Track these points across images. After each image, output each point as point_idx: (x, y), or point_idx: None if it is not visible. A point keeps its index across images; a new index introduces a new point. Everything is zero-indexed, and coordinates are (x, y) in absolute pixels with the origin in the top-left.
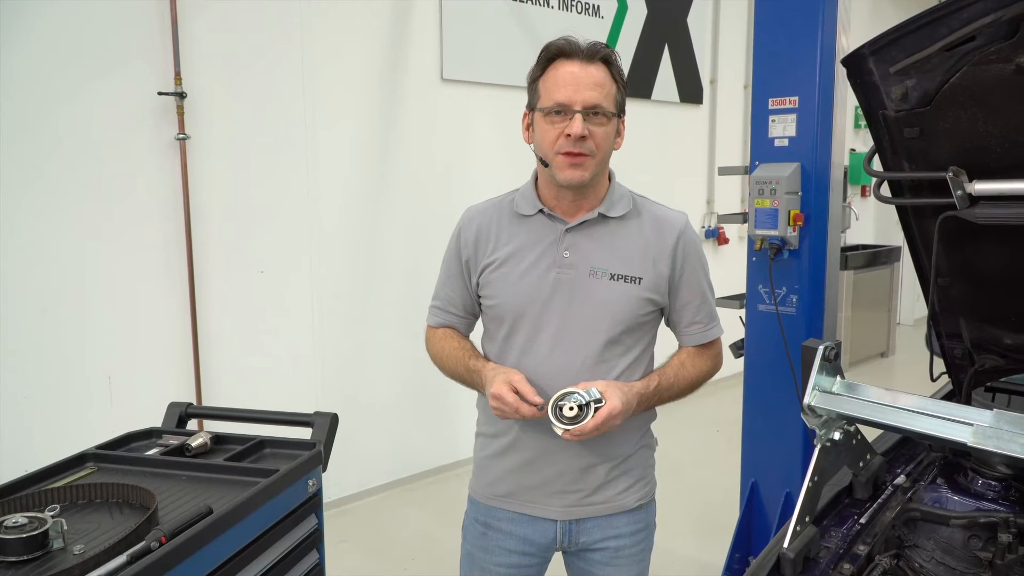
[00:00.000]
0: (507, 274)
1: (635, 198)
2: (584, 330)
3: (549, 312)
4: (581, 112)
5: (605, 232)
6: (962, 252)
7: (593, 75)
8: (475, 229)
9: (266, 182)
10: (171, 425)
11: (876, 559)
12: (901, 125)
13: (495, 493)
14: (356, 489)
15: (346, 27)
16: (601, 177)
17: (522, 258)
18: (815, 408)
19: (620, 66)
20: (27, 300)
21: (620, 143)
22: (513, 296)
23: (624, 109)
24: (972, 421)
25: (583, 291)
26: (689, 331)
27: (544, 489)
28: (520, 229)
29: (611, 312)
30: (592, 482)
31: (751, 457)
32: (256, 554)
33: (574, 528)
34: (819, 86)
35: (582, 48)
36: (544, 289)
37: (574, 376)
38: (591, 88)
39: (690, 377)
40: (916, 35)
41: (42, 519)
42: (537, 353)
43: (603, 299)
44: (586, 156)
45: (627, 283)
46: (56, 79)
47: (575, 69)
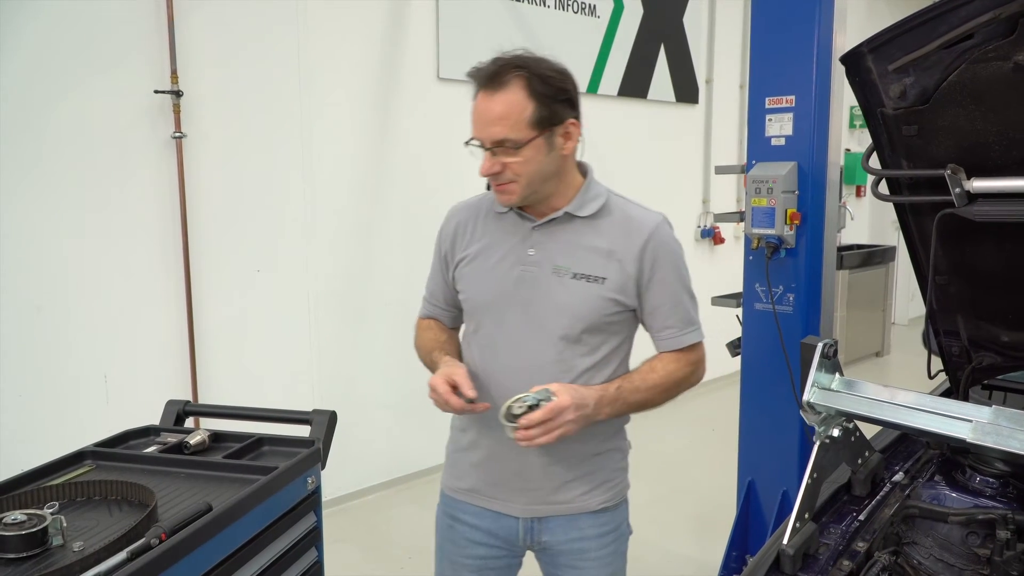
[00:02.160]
0: (477, 269)
1: (611, 198)
2: (544, 328)
3: (511, 308)
4: (489, 149)
5: (572, 231)
6: (960, 250)
7: (496, 107)
8: (454, 225)
9: (262, 180)
10: (169, 423)
11: (875, 556)
12: (899, 123)
13: (461, 487)
14: (352, 488)
15: (342, 26)
16: (560, 180)
17: (491, 254)
18: (814, 405)
19: (542, 74)
20: (22, 298)
21: (571, 146)
22: (479, 291)
23: (557, 116)
24: (971, 417)
25: (544, 289)
26: (662, 335)
27: (505, 486)
28: (494, 226)
29: (571, 311)
30: (552, 481)
31: (748, 456)
32: (255, 551)
33: (536, 526)
34: (816, 85)
35: (485, 75)
36: (508, 285)
37: (534, 373)
38: (493, 123)
39: (659, 382)
40: (915, 33)
41: (41, 516)
42: (499, 348)
43: (563, 298)
44: (508, 183)
45: (589, 282)
46: (52, 77)
47: (480, 102)
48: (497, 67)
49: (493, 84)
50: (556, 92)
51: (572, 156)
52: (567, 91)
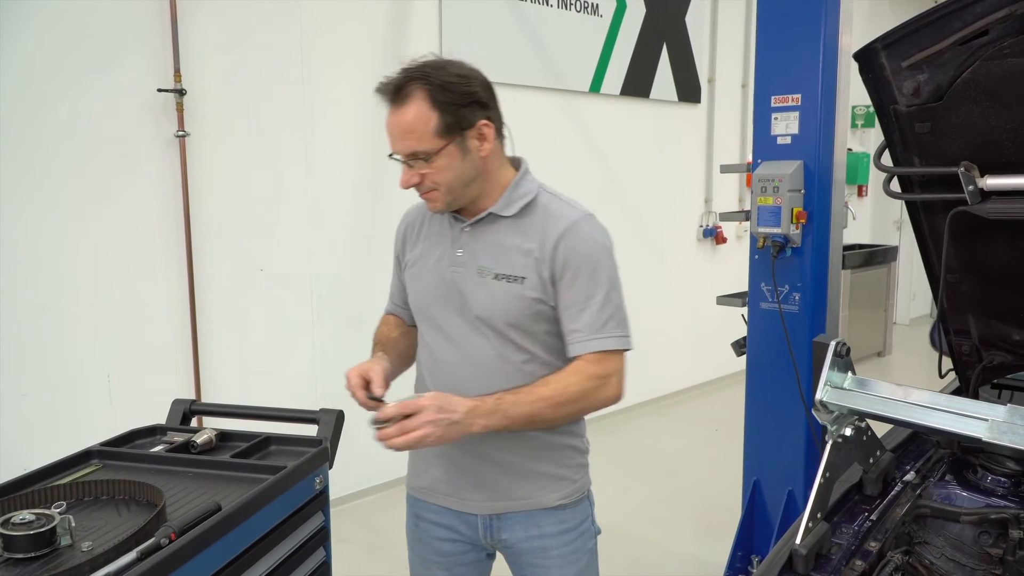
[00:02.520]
0: (418, 271)
1: (539, 194)
2: (475, 327)
3: (446, 309)
4: (405, 162)
5: (497, 231)
6: (972, 248)
7: (403, 120)
8: (404, 227)
9: (266, 179)
10: (175, 422)
11: (888, 555)
12: (912, 120)
13: (421, 486)
14: (355, 488)
15: (345, 25)
16: (486, 181)
17: (430, 256)
18: (827, 404)
19: (443, 82)
20: (25, 297)
21: (487, 147)
22: (420, 293)
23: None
24: (987, 416)
25: (470, 289)
26: (570, 339)
27: (461, 483)
28: (434, 228)
29: (494, 311)
30: (507, 477)
31: (753, 456)
32: (264, 551)
33: (495, 523)
34: (822, 83)
35: (388, 90)
36: (441, 287)
37: (475, 369)
38: (403, 137)
39: (550, 396)
40: (929, 29)
41: (49, 516)
42: (441, 348)
43: (486, 298)
44: (430, 192)
45: (510, 283)
46: (55, 75)
47: (389, 118)
48: (399, 80)
49: (397, 99)
50: (460, 98)
51: (496, 155)
52: (473, 94)
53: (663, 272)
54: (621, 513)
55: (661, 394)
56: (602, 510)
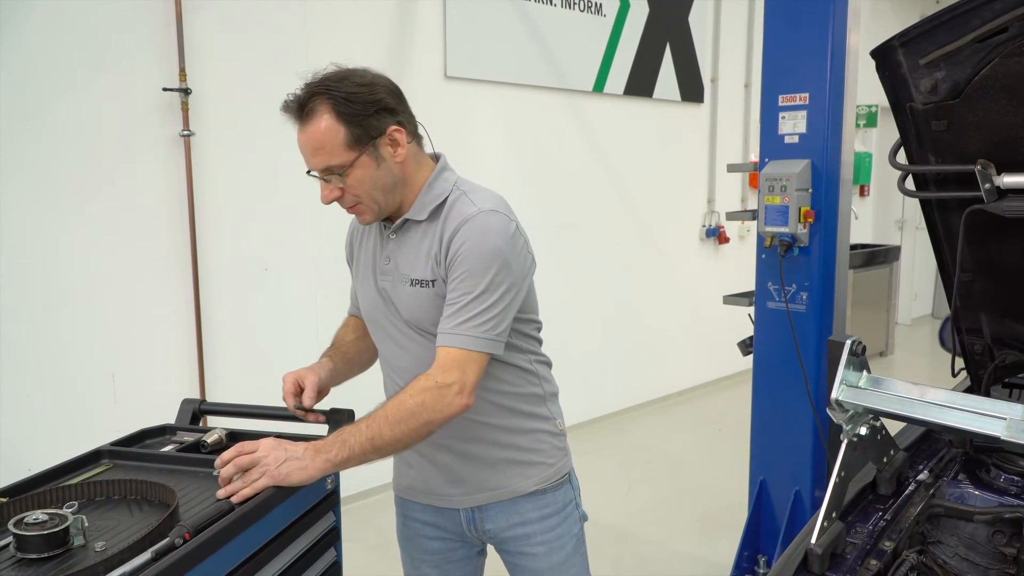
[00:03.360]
0: (360, 280)
1: (453, 192)
2: (412, 329)
3: (383, 316)
4: (322, 178)
5: (414, 236)
6: (986, 246)
7: (312, 137)
8: (349, 236)
9: (270, 179)
10: (184, 422)
11: (902, 555)
12: (929, 118)
13: (403, 485)
14: (359, 488)
15: (350, 24)
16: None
17: (365, 266)
18: (842, 403)
19: (346, 93)
20: (30, 297)
21: (401, 152)
22: (363, 302)
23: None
24: (1005, 415)
25: (396, 296)
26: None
27: (439, 480)
28: (368, 238)
29: (415, 315)
30: (481, 468)
31: (760, 455)
32: (276, 551)
33: (477, 515)
34: (830, 82)
35: (293, 108)
36: (375, 296)
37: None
38: (314, 154)
39: (381, 415)
40: (947, 27)
41: (62, 516)
42: (392, 354)
43: (408, 303)
44: (355, 205)
45: (423, 287)
46: (60, 75)
47: (298, 136)
48: (302, 97)
49: (303, 116)
50: (365, 107)
51: (414, 157)
52: (378, 101)
53: (666, 272)
54: (625, 513)
55: (664, 394)
56: (606, 510)
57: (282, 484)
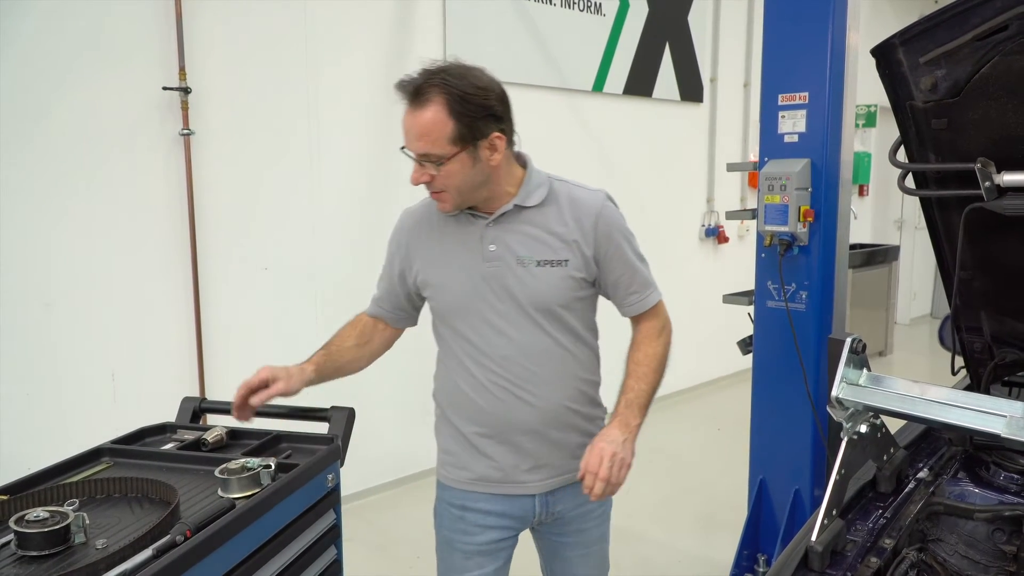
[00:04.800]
0: (442, 273)
1: (553, 183)
2: (523, 315)
3: (486, 305)
4: (417, 160)
5: (525, 221)
6: (986, 244)
7: (420, 123)
8: (407, 232)
9: (270, 178)
10: (184, 420)
11: (902, 553)
12: (929, 116)
13: (468, 477)
14: (360, 487)
15: (350, 23)
16: (496, 184)
17: (453, 256)
18: (843, 401)
19: (463, 93)
20: (30, 296)
21: (497, 157)
22: (450, 295)
23: (479, 132)
24: (1005, 413)
25: (513, 280)
26: (628, 302)
27: (520, 468)
28: (449, 229)
29: (544, 295)
30: (562, 453)
31: (759, 454)
32: (277, 549)
33: (550, 499)
34: (829, 81)
35: (409, 90)
36: (478, 284)
37: (527, 357)
38: (417, 139)
39: (654, 368)
40: (947, 25)
41: (63, 513)
42: (487, 344)
43: (534, 285)
44: (439, 192)
45: (554, 267)
46: (60, 73)
47: (406, 117)
48: (421, 81)
49: (417, 100)
50: (477, 110)
51: (506, 160)
52: (489, 107)
53: (665, 271)
54: (626, 512)
55: (663, 393)
56: None
57: (626, 468)
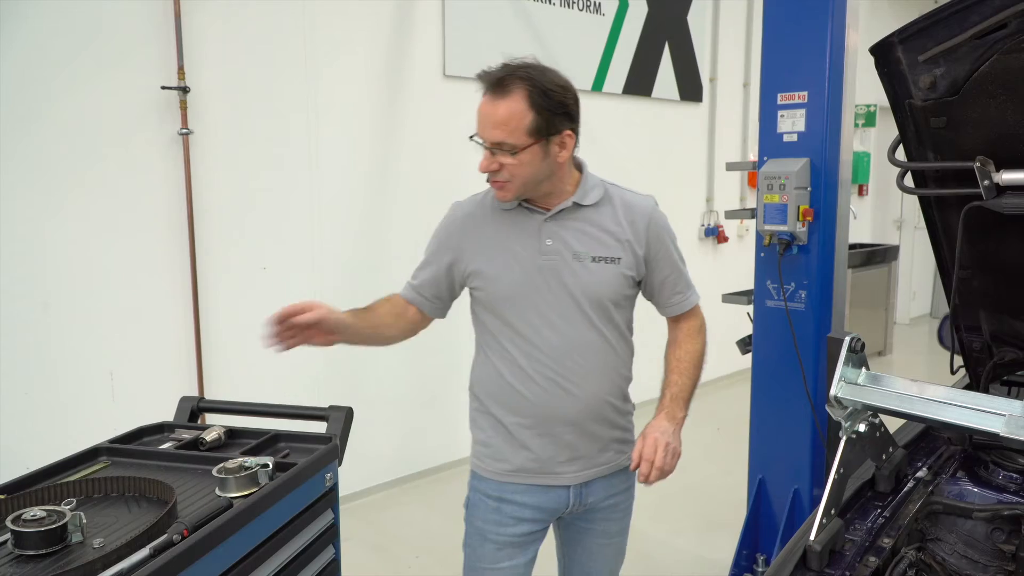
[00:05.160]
0: (496, 265)
1: (607, 186)
2: (575, 308)
3: (539, 297)
4: (489, 148)
5: (581, 219)
6: (985, 243)
7: (499, 112)
8: (461, 223)
9: (269, 177)
10: (183, 419)
11: (901, 552)
12: (928, 114)
13: (506, 468)
14: (359, 487)
15: (349, 23)
16: (556, 180)
17: (508, 248)
18: (841, 399)
19: (545, 87)
20: (29, 295)
21: (565, 155)
22: (504, 285)
23: (554, 127)
24: (1004, 412)
25: (568, 274)
26: (672, 302)
27: (557, 459)
28: (503, 222)
29: (597, 290)
30: (597, 445)
31: (758, 454)
32: (275, 548)
33: (584, 490)
34: (828, 81)
35: (492, 80)
36: (532, 276)
37: (576, 350)
38: (495, 127)
39: (695, 364)
40: (946, 23)
41: (60, 512)
42: (536, 335)
43: (588, 279)
44: (503, 182)
45: (608, 263)
46: (58, 72)
47: (485, 105)
48: (504, 73)
49: (498, 90)
50: (556, 106)
51: (569, 160)
52: (566, 105)
53: None
54: None
55: None
56: None
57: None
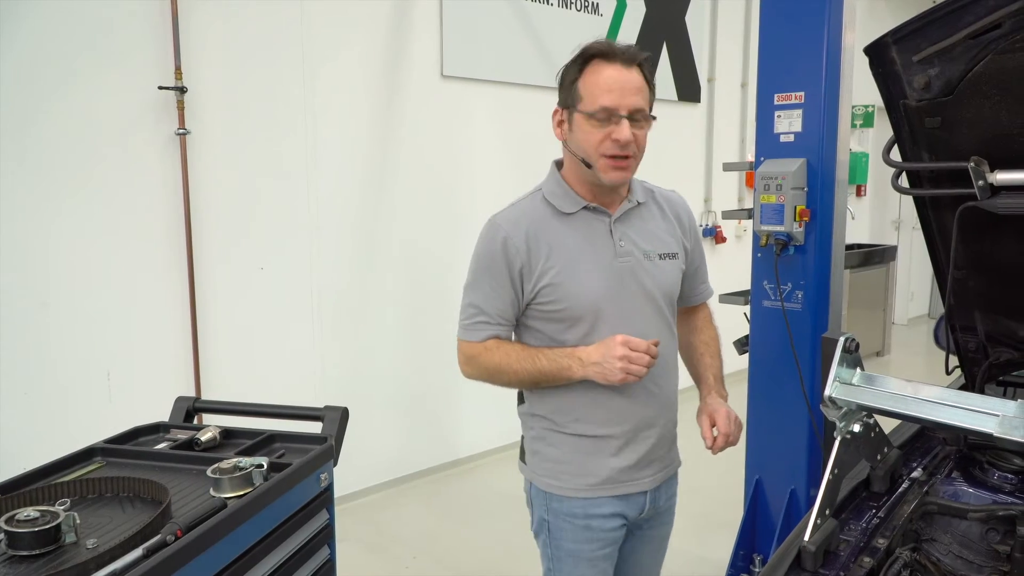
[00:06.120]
0: (572, 274)
1: (644, 183)
2: (653, 308)
3: (623, 302)
4: (626, 117)
5: (638, 218)
6: (980, 244)
7: (634, 80)
8: (523, 236)
9: (266, 177)
10: (178, 419)
11: (896, 552)
12: (922, 115)
13: (593, 483)
14: (356, 487)
15: (347, 22)
16: None
17: (581, 255)
18: (836, 400)
19: (652, 72)
20: (27, 295)
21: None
22: (584, 293)
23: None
24: (998, 412)
25: (642, 273)
26: (699, 291)
27: (639, 464)
28: (567, 227)
29: (666, 287)
30: (667, 445)
31: (755, 454)
32: (269, 549)
33: (656, 494)
34: (825, 81)
35: (623, 52)
36: (612, 280)
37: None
38: (634, 93)
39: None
40: (941, 23)
41: (54, 513)
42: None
43: (659, 277)
44: (630, 158)
45: (671, 259)
46: (55, 72)
47: (618, 74)
48: (631, 49)
49: (630, 60)
50: (653, 93)
51: None
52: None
53: None
54: None
55: None
56: None
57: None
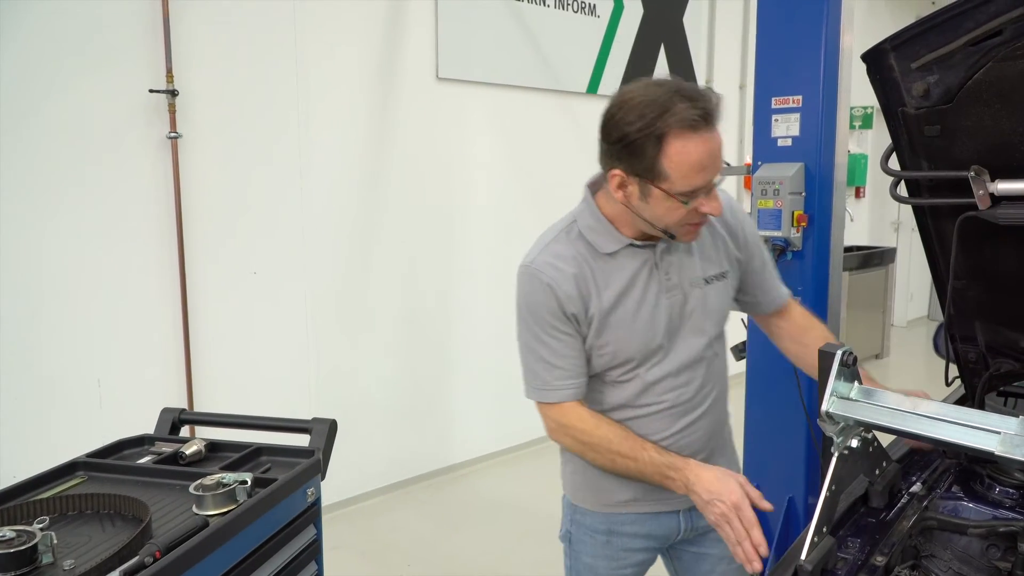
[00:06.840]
0: (622, 316)
1: None
2: (701, 334)
3: (669, 336)
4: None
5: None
6: (980, 253)
7: (719, 141)
8: (572, 281)
9: (259, 181)
10: (164, 432)
11: (896, 570)
12: (921, 123)
13: (619, 500)
14: (350, 494)
15: (340, 25)
16: None
17: (629, 295)
18: (833, 415)
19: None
20: (16, 302)
21: None
22: (634, 335)
23: None
24: (999, 429)
25: (691, 304)
26: (776, 294)
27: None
28: (612, 267)
29: (716, 313)
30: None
31: (753, 462)
32: (254, 567)
33: (694, 513)
34: (823, 85)
35: (710, 116)
36: (661, 317)
37: (696, 372)
38: (720, 156)
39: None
40: (940, 29)
41: (31, 532)
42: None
43: (707, 304)
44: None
45: (719, 280)
46: (46, 76)
47: (707, 145)
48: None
49: (715, 120)
50: None
51: None
52: None
53: None
54: None
55: None
56: None
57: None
